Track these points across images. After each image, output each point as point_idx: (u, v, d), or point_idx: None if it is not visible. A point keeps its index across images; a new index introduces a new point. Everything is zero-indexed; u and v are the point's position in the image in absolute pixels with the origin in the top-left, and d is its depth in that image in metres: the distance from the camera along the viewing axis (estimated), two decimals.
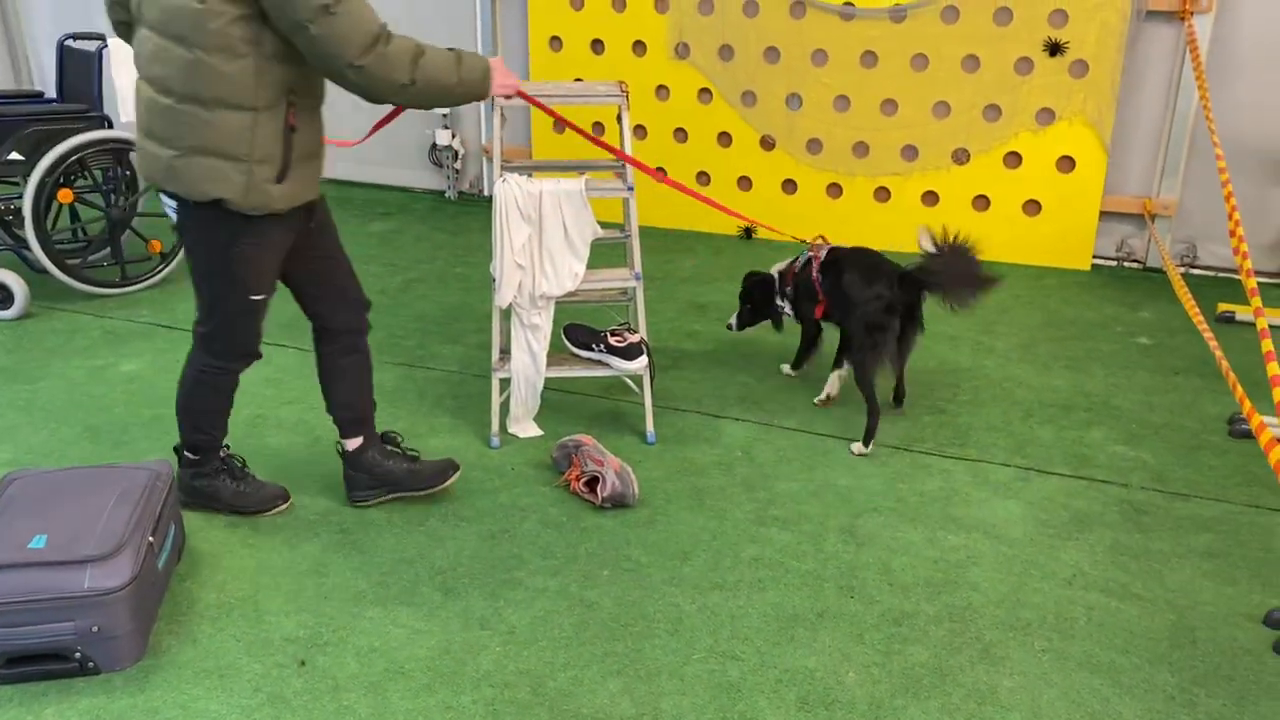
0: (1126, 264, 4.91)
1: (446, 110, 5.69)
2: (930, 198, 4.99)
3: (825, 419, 3.37)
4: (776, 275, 3.52)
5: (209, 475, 2.76)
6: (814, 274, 3.33)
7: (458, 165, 5.87)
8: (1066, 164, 4.72)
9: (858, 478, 3.02)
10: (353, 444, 2.84)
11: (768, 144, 5.15)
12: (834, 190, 5.12)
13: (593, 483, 2.88)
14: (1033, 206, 4.84)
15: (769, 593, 2.50)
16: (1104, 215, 4.83)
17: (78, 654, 2.17)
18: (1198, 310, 3.49)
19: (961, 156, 4.87)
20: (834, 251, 3.37)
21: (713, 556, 2.64)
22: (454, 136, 5.77)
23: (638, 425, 3.30)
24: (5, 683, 2.17)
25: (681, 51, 5.15)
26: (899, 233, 5.07)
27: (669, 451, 3.16)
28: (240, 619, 2.38)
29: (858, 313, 3.16)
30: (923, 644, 2.33)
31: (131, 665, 2.22)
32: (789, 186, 5.20)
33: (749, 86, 5.08)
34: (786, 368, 3.70)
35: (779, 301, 3.50)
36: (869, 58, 4.86)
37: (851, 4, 4.77)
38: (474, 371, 3.70)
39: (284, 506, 2.83)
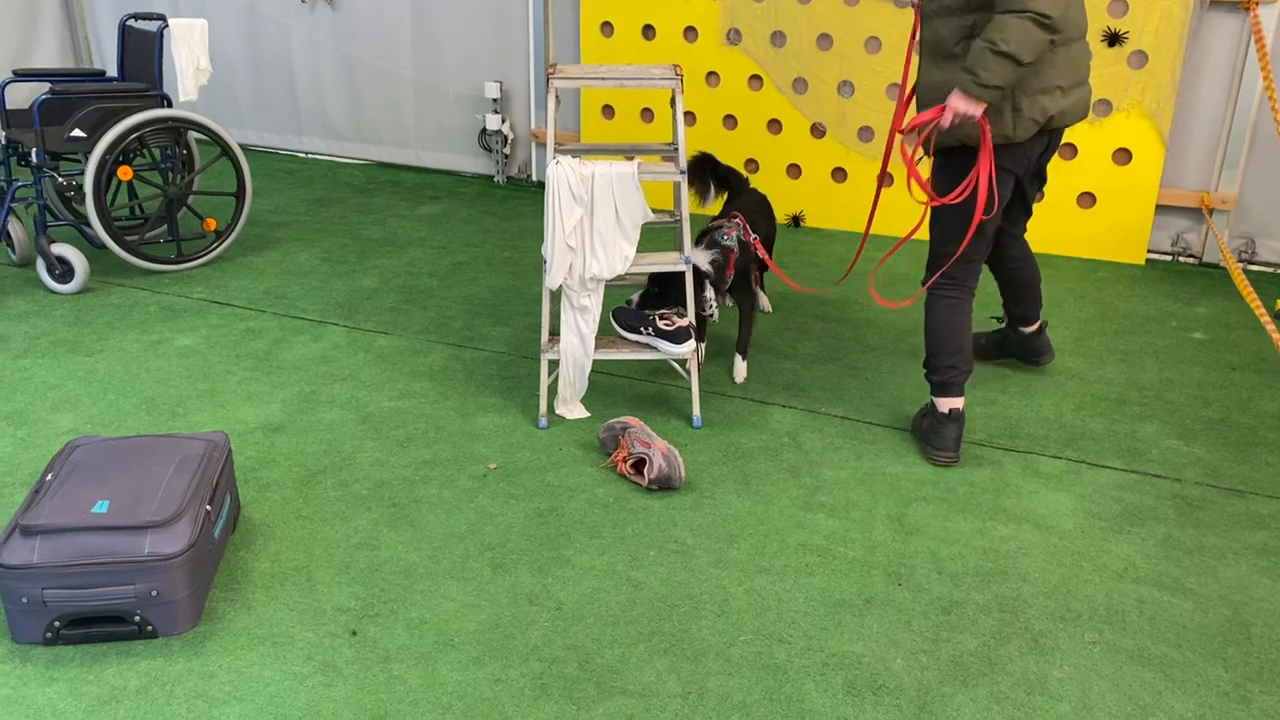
0: (1181, 259, 4.83)
1: (497, 95, 5.72)
2: None
3: (874, 408, 3.35)
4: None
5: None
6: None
7: (507, 150, 5.90)
8: (1123, 156, 4.65)
9: (906, 466, 3.01)
10: None
11: (818, 131, 5.12)
12: (885, 179, 5.07)
13: (640, 465, 2.89)
14: (1087, 199, 4.77)
15: (816, 578, 2.50)
16: (1160, 209, 4.75)
17: (137, 617, 2.22)
18: (1260, 305, 3.43)
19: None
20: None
21: (759, 541, 2.64)
22: (504, 121, 5.80)
23: (684, 409, 3.31)
24: (68, 643, 2.22)
25: (733, 38, 5.13)
26: None
27: (715, 436, 3.16)
28: (293, 588, 2.42)
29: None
30: (971, 633, 2.32)
31: (188, 630, 2.27)
32: (839, 175, 5.17)
33: (800, 73, 5.05)
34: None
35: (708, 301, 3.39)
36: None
37: None
38: (522, 353, 3.72)
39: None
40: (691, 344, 3.16)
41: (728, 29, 5.12)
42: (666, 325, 3.17)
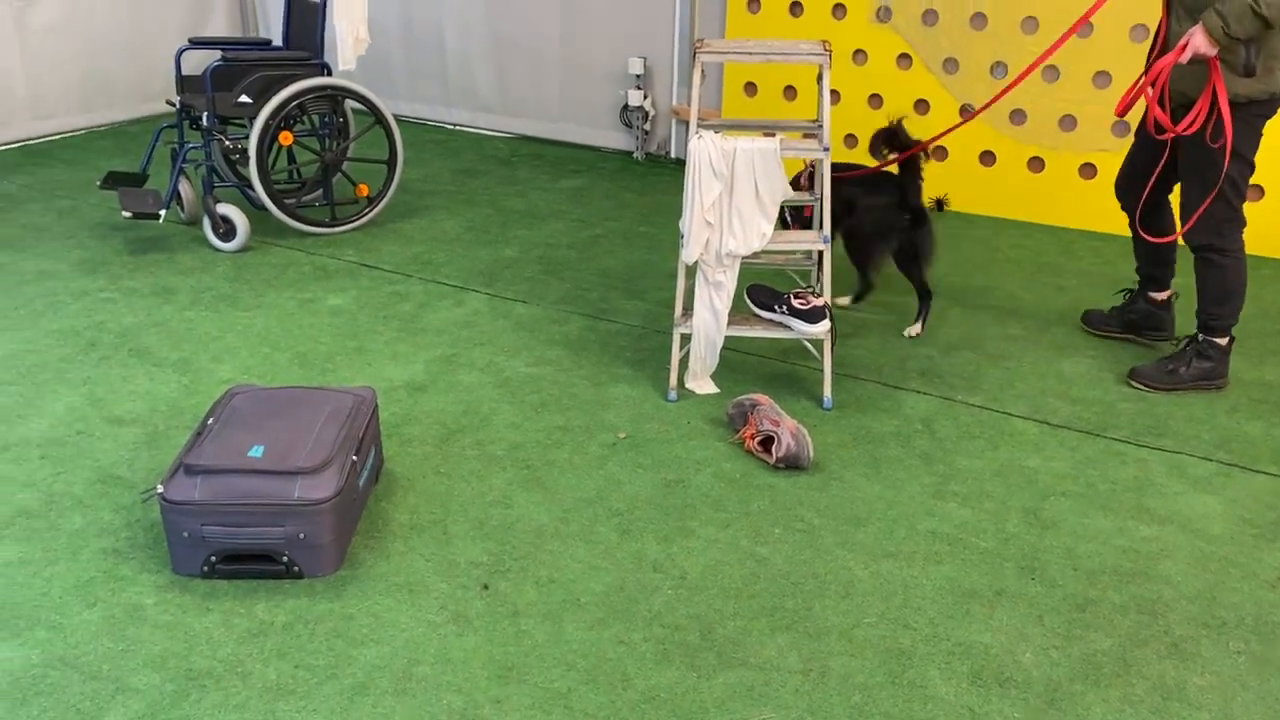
0: None
1: (640, 71, 5.75)
2: None
3: (1014, 398, 3.26)
4: None
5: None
6: None
7: (647, 126, 5.93)
8: None
9: (1045, 459, 2.92)
10: None
11: (967, 113, 4.97)
12: (1035, 164, 4.91)
13: (767, 442, 2.89)
14: (1254, 192, 4.50)
15: (945, 566, 2.46)
16: None
17: (285, 558, 2.35)
18: None
19: None
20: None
21: (887, 525, 2.61)
22: (645, 98, 5.83)
23: (814, 390, 3.28)
24: (222, 577, 2.37)
25: (883, 15, 5.02)
26: (1104, 212, 4.82)
27: (846, 418, 3.13)
28: (430, 540, 2.52)
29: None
30: (1106, 632, 2.24)
31: (331, 573, 2.39)
32: (987, 158, 5.01)
33: (952, 53, 4.91)
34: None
35: None
36: (1084, 27, 4.60)
37: None
38: (654, 327, 3.75)
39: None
40: (826, 324, 3.13)
41: (878, 7, 5.02)
42: (801, 304, 3.15)
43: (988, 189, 5.04)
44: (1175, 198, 3.31)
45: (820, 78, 3.13)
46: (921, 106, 5.07)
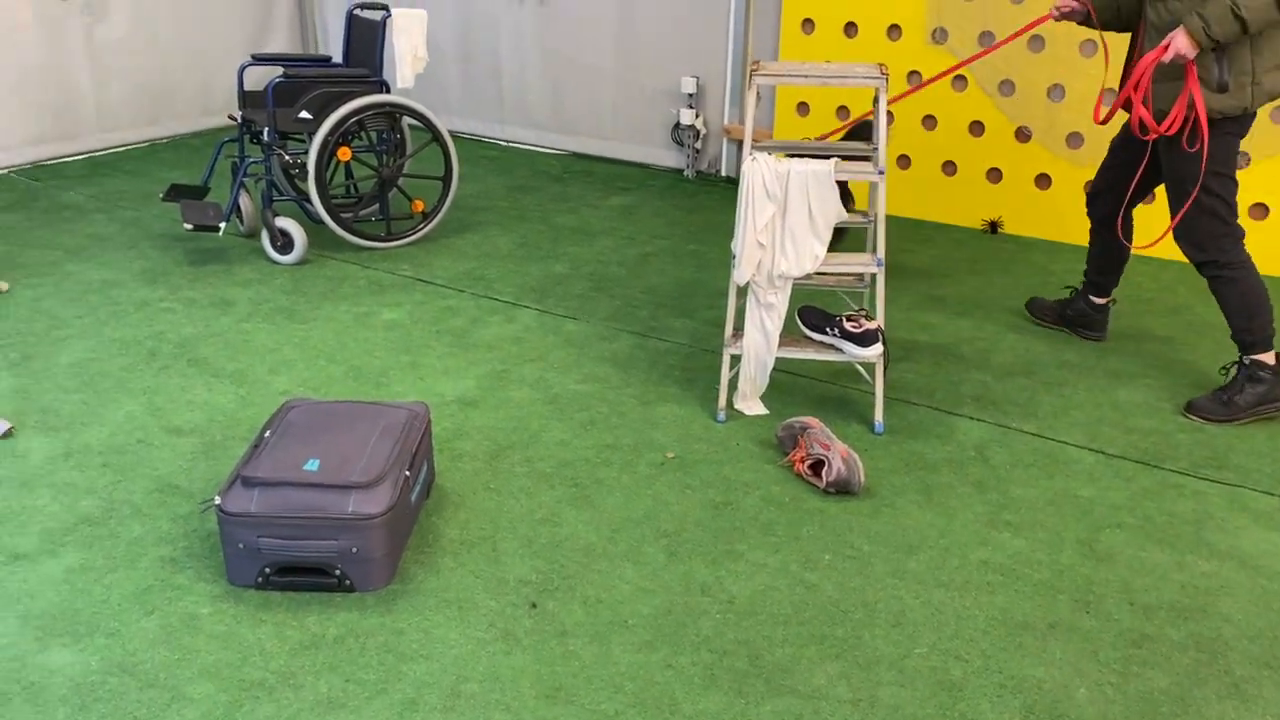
0: None
1: (693, 90, 5.77)
2: None
3: (1069, 427, 3.21)
4: None
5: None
6: None
7: (698, 145, 5.95)
8: None
9: (1100, 490, 2.87)
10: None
11: (1023, 135, 4.93)
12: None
13: (817, 466, 2.87)
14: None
15: (998, 597, 2.42)
16: None
17: (338, 571, 2.38)
18: None
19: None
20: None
21: (939, 554, 2.58)
22: (697, 116, 5.84)
23: (866, 414, 3.26)
24: (276, 588, 2.40)
25: (939, 37, 5.00)
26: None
27: (897, 444, 3.10)
28: (479, 557, 2.54)
29: None
30: (1164, 669, 2.20)
31: (382, 587, 2.41)
32: (1042, 181, 4.96)
33: (1008, 75, 4.87)
34: None
35: None
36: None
37: None
38: (703, 346, 3.75)
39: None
40: (878, 348, 3.11)
41: (933, 28, 4.99)
42: (853, 327, 3.13)
43: (1043, 212, 4.98)
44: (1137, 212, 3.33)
45: (876, 101, 3.12)
46: (976, 129, 5.03)
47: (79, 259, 4.48)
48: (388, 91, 4.55)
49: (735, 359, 3.25)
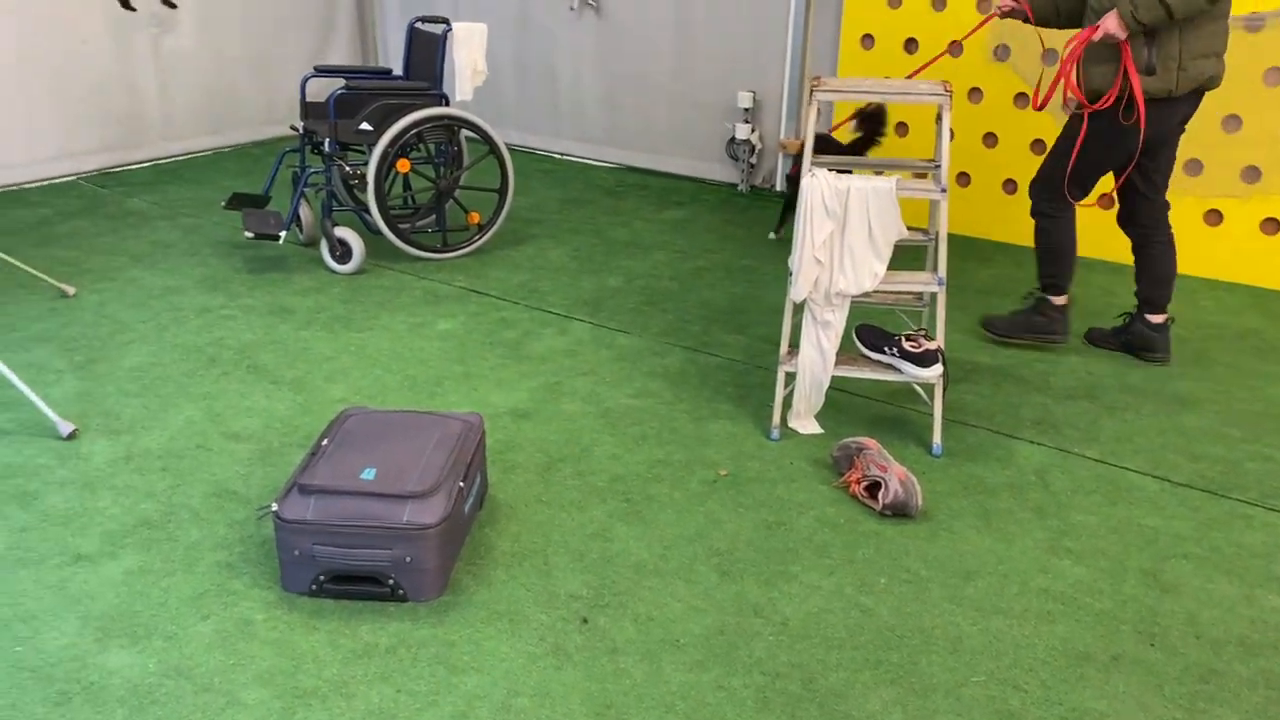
0: None
1: (749, 105, 5.75)
2: (1271, 225, 4.52)
3: (1133, 453, 3.14)
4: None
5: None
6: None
7: (753, 160, 5.92)
8: None
9: (1165, 519, 2.80)
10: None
11: None
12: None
13: (874, 488, 2.83)
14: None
15: (1058, 626, 2.37)
16: None
17: (391, 580, 2.38)
18: None
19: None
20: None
21: (998, 580, 2.53)
22: (753, 131, 5.83)
23: (923, 435, 3.21)
24: (329, 596, 2.41)
25: (1000, 54, 4.93)
26: (1231, 260, 4.65)
27: (955, 466, 3.05)
28: (531, 570, 2.53)
29: None
30: (1232, 707, 2.13)
31: (434, 598, 2.42)
32: (1104, 201, 4.86)
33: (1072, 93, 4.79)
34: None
35: None
36: None
37: None
38: (757, 363, 3.73)
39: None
40: (938, 368, 3.06)
41: (996, 44, 4.93)
42: (913, 347, 3.09)
43: (1106, 233, 4.88)
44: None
45: (939, 118, 3.08)
46: (1038, 146, 4.96)
47: (142, 265, 4.57)
48: (447, 104, 4.59)
49: (790, 376, 3.22)
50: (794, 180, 4.93)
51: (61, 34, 5.74)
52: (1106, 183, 3.80)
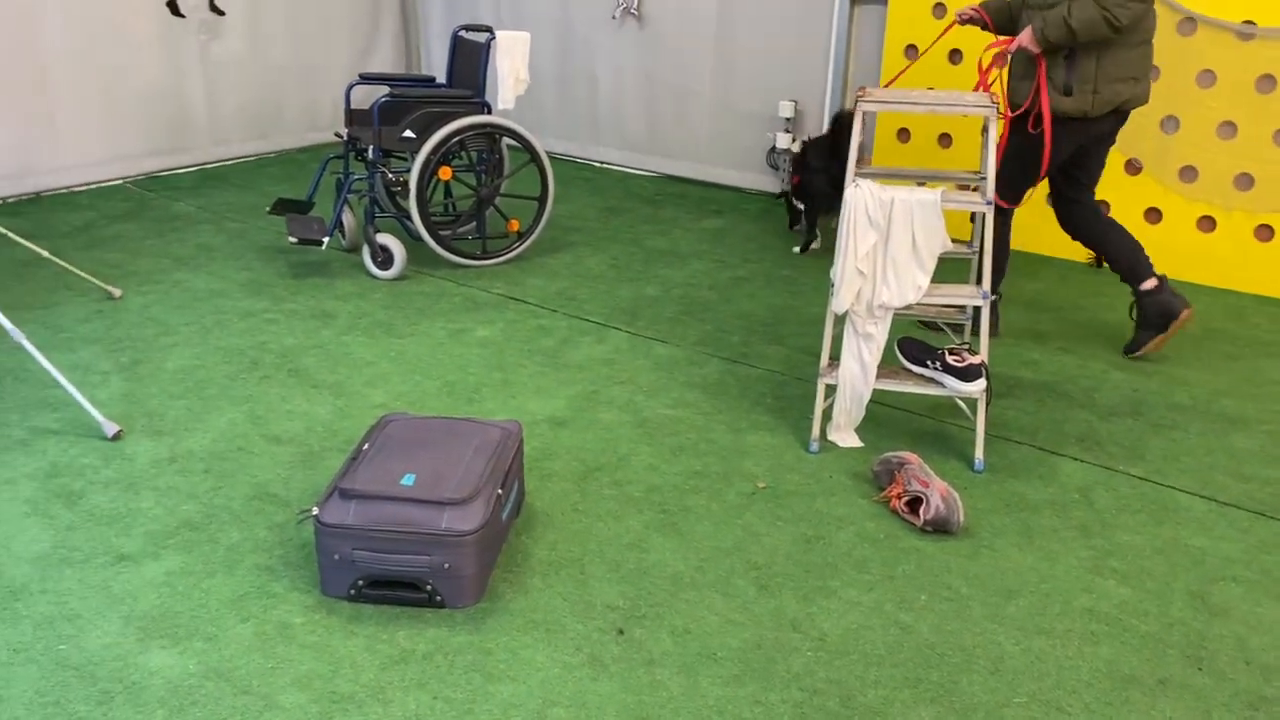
0: None
1: (790, 114, 5.73)
2: None
3: (1179, 472, 3.08)
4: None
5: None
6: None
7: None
8: None
9: (1213, 540, 2.74)
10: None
11: (1133, 168, 4.77)
12: (1205, 224, 4.67)
13: (915, 503, 2.80)
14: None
15: (1103, 648, 2.32)
16: None
17: (429, 586, 2.39)
18: None
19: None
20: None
21: (1040, 600, 2.49)
22: (794, 140, 5.80)
23: (964, 451, 3.17)
24: (367, 601, 2.42)
25: None
26: None
27: (997, 483, 3.01)
28: (567, 579, 2.52)
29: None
30: None
31: (471, 605, 2.42)
32: (1152, 215, 4.79)
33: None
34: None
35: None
36: (1266, 82, 4.38)
37: (1253, 21, 4.32)
38: (795, 374, 3.70)
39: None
40: (982, 383, 3.03)
41: None
42: (956, 361, 3.05)
43: (1154, 247, 4.80)
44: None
45: (985, 130, 3.05)
46: None
47: (187, 268, 4.63)
48: (489, 112, 4.61)
49: (830, 389, 3.19)
50: (797, 191, 5.07)
51: (113, 40, 5.84)
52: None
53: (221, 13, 6.28)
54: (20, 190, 5.65)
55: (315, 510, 2.40)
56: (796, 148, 5.14)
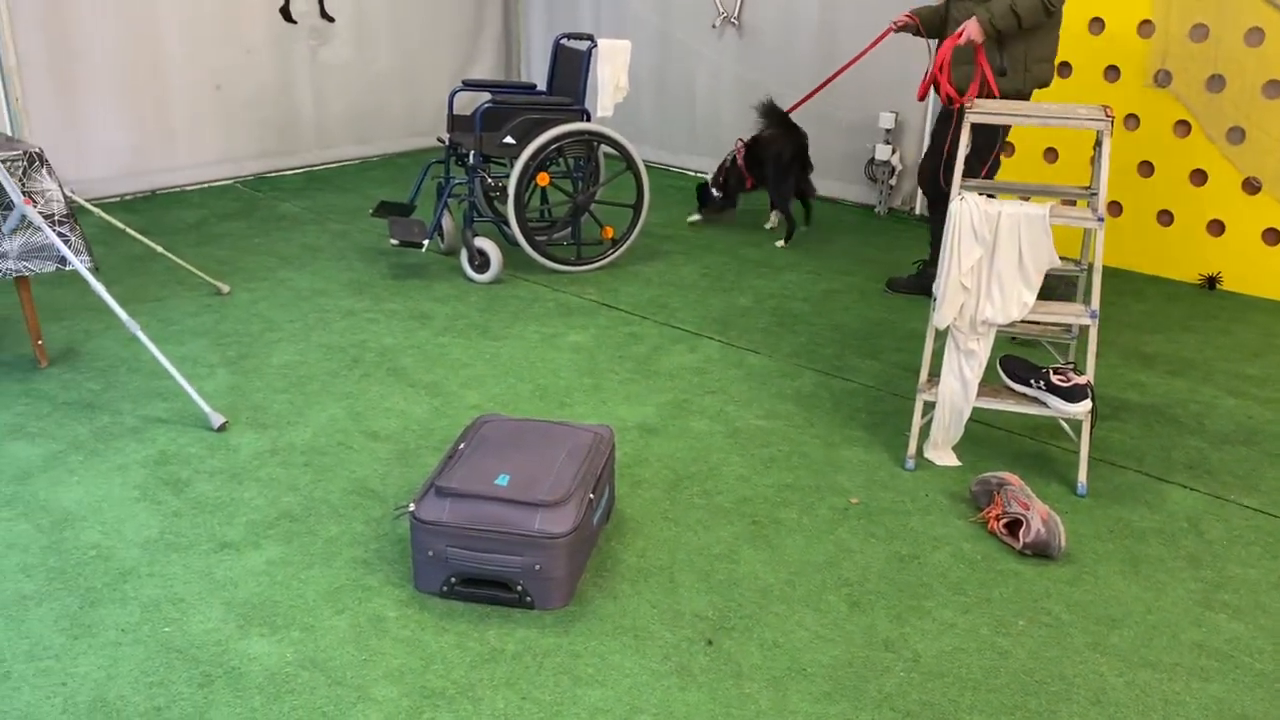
0: None
1: (890, 125, 5.65)
2: None
3: None
4: (710, 179, 5.55)
5: None
6: (740, 162, 5.32)
7: (892, 181, 5.81)
8: None
9: None
10: None
11: (1251, 187, 4.59)
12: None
13: (1014, 525, 2.72)
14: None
15: (1213, 685, 2.22)
16: None
17: (519, 586, 2.40)
18: None
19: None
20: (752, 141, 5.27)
21: (1146, 631, 2.39)
22: (894, 152, 5.72)
23: (1067, 474, 3.08)
24: (459, 598, 2.44)
25: (1161, 79, 4.72)
26: None
27: (1101, 508, 2.91)
28: (656, 586, 2.52)
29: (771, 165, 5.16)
30: None
31: (560, 607, 2.42)
32: (1270, 237, 4.60)
33: (1238, 122, 4.55)
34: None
35: (713, 191, 5.49)
36: None
37: None
38: (891, 390, 3.64)
39: None
40: (1087, 404, 2.93)
41: (1156, 70, 4.72)
42: (1061, 380, 2.96)
43: (1270, 269, 4.62)
44: None
45: (1098, 143, 2.96)
46: (1198, 177, 4.72)
47: (292, 267, 4.76)
48: (588, 120, 4.64)
49: (929, 405, 3.13)
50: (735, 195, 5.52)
51: (227, 45, 6.06)
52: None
53: (331, 19, 6.46)
54: (137, 188, 5.89)
55: (411, 506, 2.44)
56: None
